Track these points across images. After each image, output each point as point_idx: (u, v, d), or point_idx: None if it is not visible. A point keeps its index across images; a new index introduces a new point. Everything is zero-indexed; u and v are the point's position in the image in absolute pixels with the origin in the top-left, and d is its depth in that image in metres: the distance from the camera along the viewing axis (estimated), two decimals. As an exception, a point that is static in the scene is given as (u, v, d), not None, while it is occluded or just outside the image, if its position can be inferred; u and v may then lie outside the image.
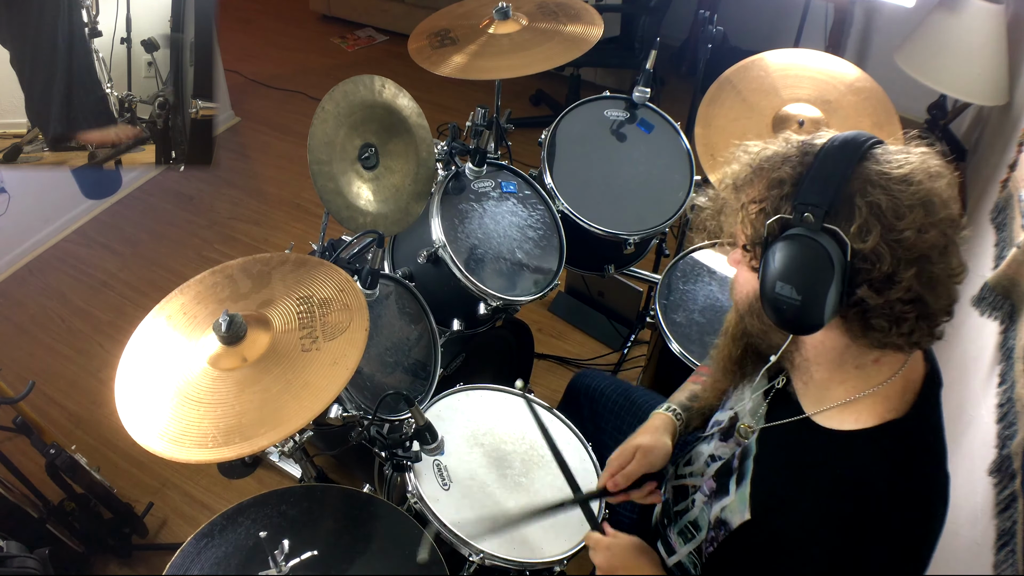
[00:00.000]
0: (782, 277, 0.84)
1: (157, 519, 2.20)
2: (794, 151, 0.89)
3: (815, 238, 0.82)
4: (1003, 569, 1.08)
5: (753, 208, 0.89)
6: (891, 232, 0.81)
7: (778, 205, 0.86)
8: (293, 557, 1.18)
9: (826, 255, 0.81)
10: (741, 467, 1.06)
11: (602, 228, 1.88)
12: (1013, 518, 1.09)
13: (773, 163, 0.89)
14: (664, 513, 1.27)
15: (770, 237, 0.87)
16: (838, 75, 1.76)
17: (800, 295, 0.83)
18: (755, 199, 0.89)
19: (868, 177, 0.83)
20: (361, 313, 1.26)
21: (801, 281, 0.83)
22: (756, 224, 0.89)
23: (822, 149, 0.86)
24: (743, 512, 1.01)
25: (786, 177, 0.87)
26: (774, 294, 0.85)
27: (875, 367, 0.91)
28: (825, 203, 0.82)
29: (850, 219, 0.81)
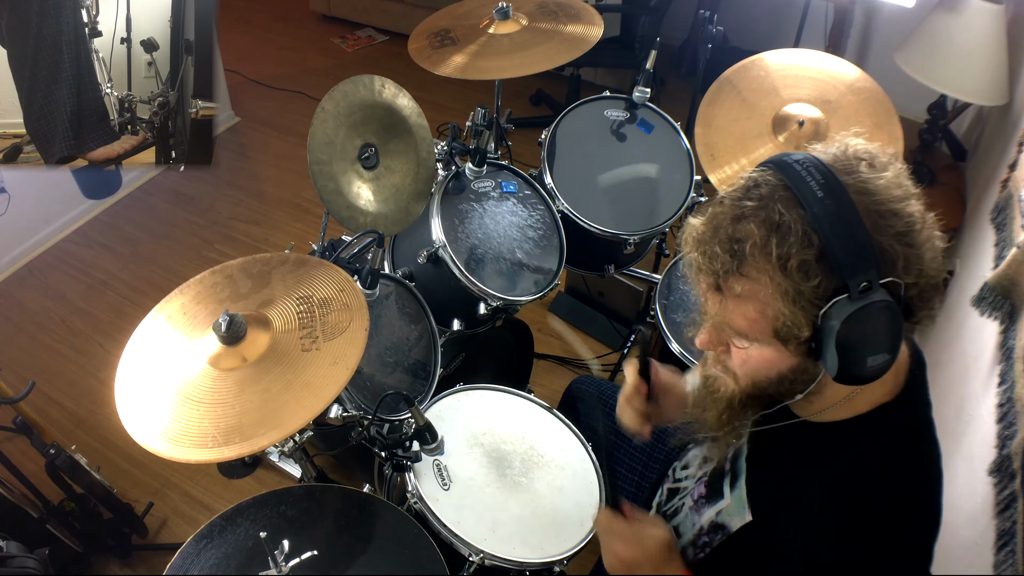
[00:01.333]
0: (872, 351, 0.80)
1: (157, 519, 2.20)
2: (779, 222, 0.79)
3: (882, 301, 0.78)
4: (1003, 569, 1.08)
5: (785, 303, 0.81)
6: (919, 247, 0.80)
7: (819, 290, 0.79)
8: (293, 557, 1.18)
9: (896, 308, 0.79)
10: (734, 468, 1.05)
11: (602, 228, 1.88)
12: (1013, 518, 1.09)
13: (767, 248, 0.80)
14: (657, 513, 1.27)
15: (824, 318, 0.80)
16: (838, 75, 1.75)
17: (891, 353, 0.81)
18: (784, 292, 0.80)
19: (872, 209, 0.80)
20: (361, 313, 1.26)
21: (888, 343, 0.80)
22: (799, 316, 0.81)
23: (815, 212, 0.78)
24: (743, 514, 1.00)
25: (808, 258, 0.78)
26: (866, 369, 0.81)
27: None
28: (871, 264, 0.78)
29: (890, 261, 0.79)
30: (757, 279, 0.82)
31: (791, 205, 0.80)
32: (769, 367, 0.89)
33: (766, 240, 0.80)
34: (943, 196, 2.40)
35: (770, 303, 0.82)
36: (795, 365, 0.87)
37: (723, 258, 0.83)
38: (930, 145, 2.52)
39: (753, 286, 0.83)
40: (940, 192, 2.42)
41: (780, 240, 0.79)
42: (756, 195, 0.82)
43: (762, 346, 0.87)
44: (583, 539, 1.41)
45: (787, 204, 0.80)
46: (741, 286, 0.83)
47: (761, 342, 0.87)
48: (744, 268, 0.82)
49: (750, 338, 0.88)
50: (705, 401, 1.01)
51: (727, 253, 0.83)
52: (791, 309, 0.81)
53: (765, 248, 0.80)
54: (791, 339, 0.83)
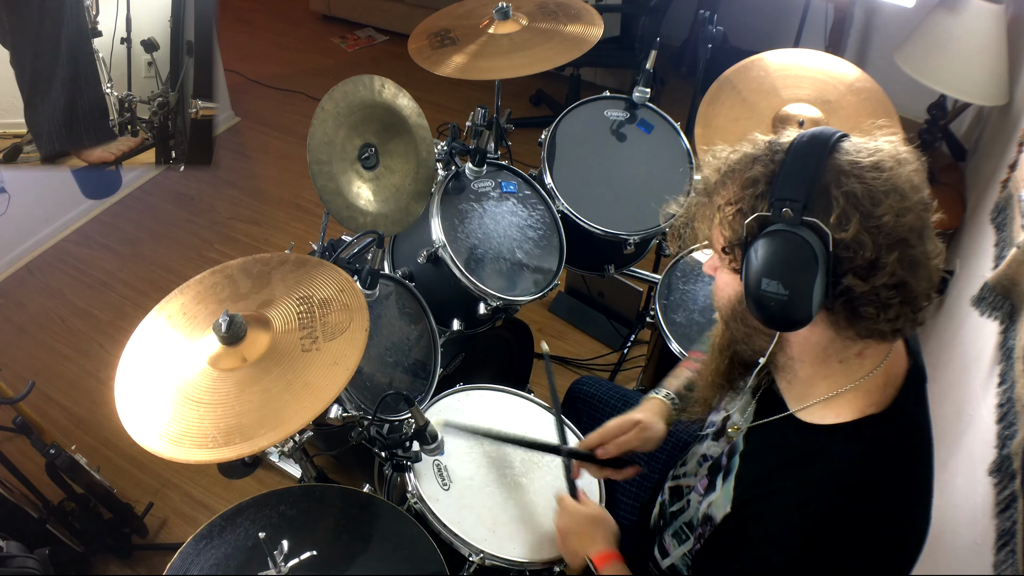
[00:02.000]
0: (767, 273, 0.84)
1: (157, 519, 2.20)
2: (763, 150, 0.90)
3: (796, 231, 0.82)
4: (1003, 569, 1.08)
5: (729, 210, 0.90)
6: (870, 219, 0.81)
7: (754, 204, 0.87)
8: (292, 557, 1.18)
9: (809, 247, 0.82)
10: (728, 463, 1.06)
11: (602, 228, 1.88)
12: (1013, 518, 1.09)
13: (743, 164, 0.90)
14: (661, 515, 1.27)
15: (749, 236, 0.87)
16: (838, 75, 1.76)
17: (787, 289, 0.83)
18: (730, 200, 0.90)
19: (840, 168, 0.84)
20: (361, 313, 1.26)
21: (787, 275, 0.83)
22: (734, 225, 0.89)
23: (791, 145, 0.87)
24: (726, 506, 1.02)
25: (759, 176, 0.87)
26: (760, 292, 0.85)
27: (858, 361, 0.91)
28: (802, 197, 0.83)
29: (828, 210, 0.82)
30: (729, 189, 0.91)
31: (784, 144, 0.89)
32: (724, 290, 0.97)
33: (747, 157, 0.90)
34: (943, 196, 2.40)
35: (723, 207, 0.91)
36: (740, 292, 0.91)
37: (723, 170, 0.93)
38: (930, 145, 2.52)
39: (725, 195, 0.92)
40: (940, 192, 2.42)
41: (755, 158, 0.89)
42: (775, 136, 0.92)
43: (722, 269, 0.96)
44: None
45: (782, 143, 0.89)
46: (719, 192, 0.93)
47: (720, 259, 0.95)
48: (726, 179, 0.92)
49: (715, 252, 0.96)
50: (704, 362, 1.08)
51: (724, 165, 0.93)
52: (732, 215, 0.89)
53: (744, 163, 0.90)
54: (729, 251, 0.91)
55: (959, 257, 2.13)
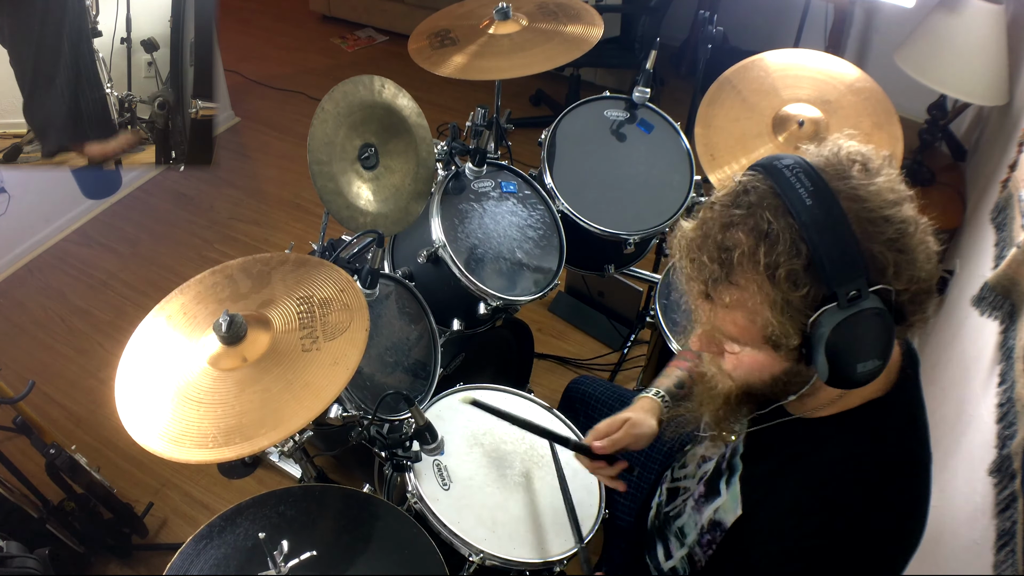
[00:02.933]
0: (862, 358, 0.80)
1: (157, 519, 2.20)
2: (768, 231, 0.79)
3: (871, 307, 0.78)
4: (1003, 569, 1.08)
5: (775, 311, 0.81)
6: (910, 253, 0.80)
7: (808, 299, 0.79)
8: (292, 557, 1.18)
9: (886, 314, 0.79)
10: (730, 465, 1.06)
11: (602, 228, 1.88)
12: (1013, 518, 1.09)
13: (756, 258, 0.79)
14: (657, 515, 1.27)
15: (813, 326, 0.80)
16: (838, 75, 1.76)
17: (882, 359, 0.81)
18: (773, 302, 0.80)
19: (863, 216, 0.79)
20: (361, 313, 1.26)
21: (878, 349, 0.80)
22: (788, 324, 0.81)
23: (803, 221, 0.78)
24: (736, 509, 1.01)
25: (797, 268, 0.78)
26: (856, 375, 0.81)
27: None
28: (860, 273, 0.77)
29: (880, 268, 0.79)
30: (746, 288, 0.82)
31: (780, 213, 0.79)
32: (761, 370, 0.90)
33: (754, 249, 0.79)
34: (943, 196, 2.40)
35: (759, 312, 0.82)
36: (787, 368, 0.87)
37: (711, 267, 0.83)
38: (930, 145, 2.51)
39: (742, 295, 0.82)
40: (940, 192, 2.42)
41: (768, 249, 0.79)
42: (745, 202, 0.81)
43: (754, 350, 0.88)
44: (583, 539, 1.41)
45: (775, 212, 0.79)
46: (730, 295, 0.83)
47: (753, 347, 0.87)
48: (733, 277, 0.82)
49: (741, 343, 0.88)
50: (703, 397, 1.02)
51: (715, 262, 0.82)
52: (780, 319, 0.81)
53: (753, 257, 0.79)
54: (781, 346, 0.84)
55: (959, 257, 2.13)
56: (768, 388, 0.92)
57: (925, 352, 2.04)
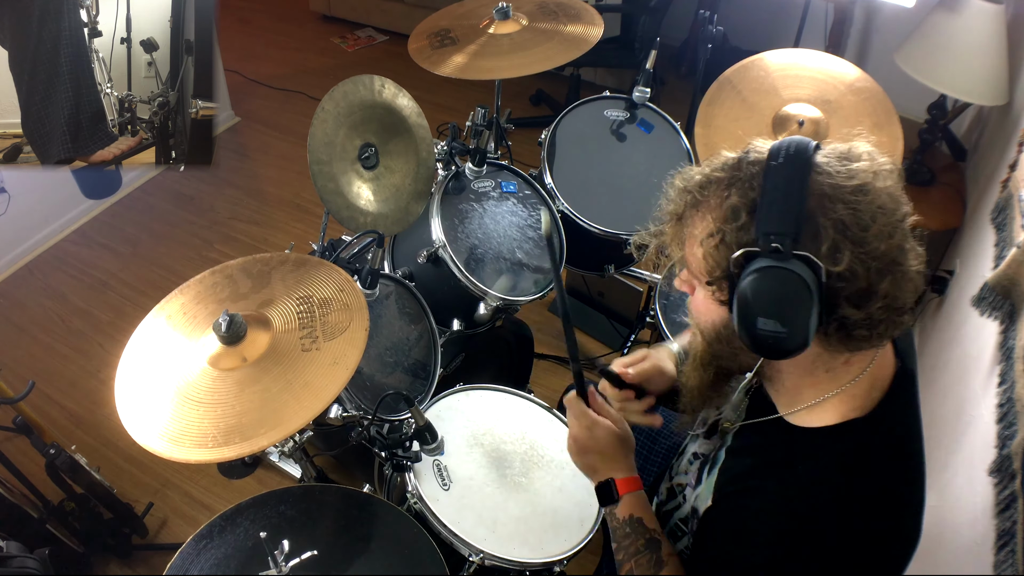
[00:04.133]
0: (763, 312, 0.81)
1: (157, 519, 2.20)
2: (736, 174, 0.86)
3: (789, 268, 0.79)
4: (1003, 569, 1.08)
5: (710, 242, 0.87)
6: (861, 246, 0.80)
7: (738, 236, 0.84)
8: (293, 557, 1.18)
9: (804, 283, 0.79)
10: (715, 457, 1.07)
11: (602, 228, 1.88)
12: (1013, 518, 1.09)
13: (716, 188, 0.87)
14: (657, 513, 1.26)
15: (736, 270, 0.84)
16: (838, 75, 1.76)
17: (785, 327, 0.81)
18: (710, 231, 0.87)
19: (824, 192, 0.81)
20: (361, 313, 1.26)
21: (783, 313, 0.81)
22: (717, 257, 0.86)
23: (768, 169, 0.84)
24: (707, 499, 1.02)
25: (739, 205, 0.84)
26: (756, 330, 0.83)
27: (844, 368, 0.91)
28: (790, 229, 0.80)
29: (817, 240, 0.80)
30: (702, 214, 0.89)
31: (757, 163, 0.86)
32: (706, 315, 0.95)
33: (719, 182, 0.88)
34: (943, 196, 2.40)
35: (708, 237, 0.88)
36: (724, 319, 0.90)
37: (689, 190, 0.92)
38: (930, 145, 2.51)
39: (698, 220, 0.90)
40: (940, 192, 2.41)
41: (729, 183, 0.86)
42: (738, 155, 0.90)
43: (701, 290, 0.94)
44: (583, 539, 1.41)
45: (754, 163, 0.86)
46: (692, 218, 0.91)
47: (699, 284, 0.93)
48: (697, 203, 0.90)
49: (693, 276, 0.94)
50: (688, 365, 1.06)
51: (695, 186, 0.91)
52: (712, 248, 0.87)
53: (718, 187, 0.88)
54: (714, 282, 0.89)
55: (959, 257, 2.13)
56: (717, 344, 0.96)
57: (925, 352, 2.04)
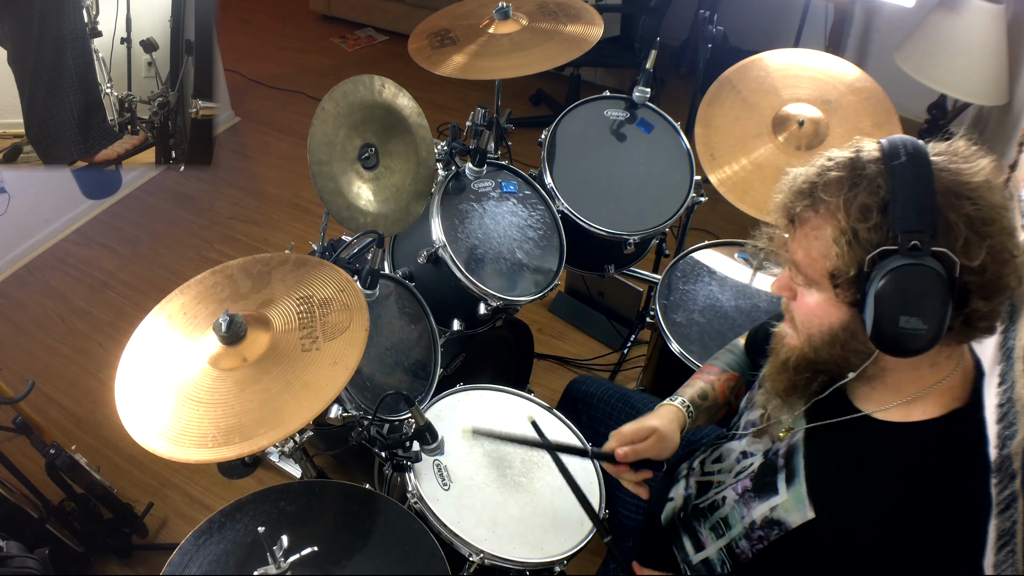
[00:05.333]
0: (906, 311, 0.81)
1: (157, 519, 2.20)
2: (861, 172, 0.86)
3: (930, 265, 0.80)
4: (1003, 569, 1.08)
5: (842, 241, 0.85)
6: (990, 239, 0.81)
7: (872, 236, 0.83)
8: (292, 553, 1.18)
9: (943, 279, 0.80)
10: (789, 465, 1.04)
11: (602, 228, 1.88)
12: (1013, 518, 1.09)
13: (839, 190, 0.87)
14: (685, 507, 1.26)
15: (869, 270, 0.84)
16: (838, 75, 1.76)
17: (926, 324, 0.82)
18: (841, 230, 0.86)
19: (952, 189, 0.82)
20: (361, 313, 1.26)
21: (926, 310, 0.81)
22: (851, 259, 0.85)
23: (892, 168, 0.84)
24: (803, 511, 0.99)
25: (870, 203, 0.84)
26: (898, 329, 0.82)
27: (946, 361, 0.91)
28: (928, 226, 0.80)
29: (950, 236, 0.81)
30: (824, 215, 0.88)
31: (876, 162, 0.86)
32: (822, 318, 0.93)
33: (842, 179, 0.87)
34: (943, 196, 2.40)
35: (828, 241, 0.87)
36: (845, 321, 0.90)
37: (804, 191, 0.90)
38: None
39: (819, 221, 0.89)
40: (940, 192, 2.42)
41: (852, 183, 0.85)
42: (854, 148, 0.90)
43: (818, 292, 0.92)
44: (583, 539, 1.41)
45: (872, 161, 0.86)
46: (810, 219, 0.90)
47: (817, 286, 0.91)
48: (816, 203, 0.89)
49: (809, 278, 0.92)
50: (771, 370, 1.05)
51: (808, 186, 0.90)
52: (843, 248, 0.85)
53: (838, 187, 0.86)
54: (841, 283, 0.87)
55: (959, 257, 2.13)
56: (828, 347, 0.94)
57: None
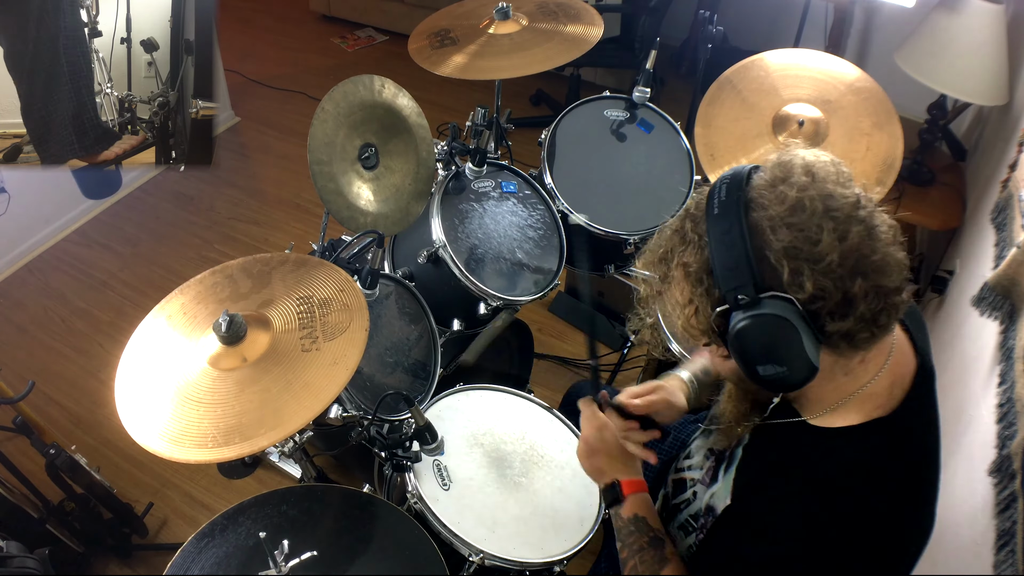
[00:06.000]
0: (759, 361, 0.84)
1: (157, 519, 2.20)
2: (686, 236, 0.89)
3: (761, 314, 0.81)
4: (1003, 569, 1.08)
5: (689, 311, 0.90)
6: (819, 262, 0.80)
7: (707, 301, 0.87)
8: (293, 557, 1.18)
9: (782, 320, 0.80)
10: (732, 455, 1.07)
11: (602, 228, 1.88)
12: (1013, 518, 1.09)
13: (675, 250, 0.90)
14: (664, 507, 1.27)
15: (720, 329, 0.87)
16: (838, 75, 1.75)
17: (784, 366, 0.83)
18: (684, 302, 0.90)
19: (762, 227, 0.82)
20: (361, 313, 1.26)
21: (778, 355, 0.83)
22: (701, 325, 0.89)
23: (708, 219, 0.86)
24: (726, 498, 1.02)
25: (696, 268, 0.87)
26: (760, 377, 0.85)
27: (862, 367, 0.91)
28: (746, 278, 0.82)
29: (776, 274, 0.81)
30: (676, 285, 0.92)
31: (698, 221, 0.88)
32: (720, 367, 0.98)
33: (675, 250, 0.91)
34: (943, 196, 2.40)
35: (685, 307, 0.91)
36: (733, 368, 0.90)
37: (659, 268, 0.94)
38: (930, 145, 2.51)
39: (673, 292, 0.93)
40: (940, 192, 2.42)
41: (683, 250, 0.89)
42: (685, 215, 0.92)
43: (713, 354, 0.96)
44: (583, 539, 1.41)
45: (696, 220, 0.89)
46: (669, 291, 0.94)
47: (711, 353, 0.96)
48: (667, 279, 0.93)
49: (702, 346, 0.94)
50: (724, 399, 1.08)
51: (661, 261, 0.94)
52: (693, 315, 0.89)
53: (675, 256, 0.91)
54: (708, 343, 0.91)
55: (959, 257, 2.13)
56: (745, 385, 0.97)
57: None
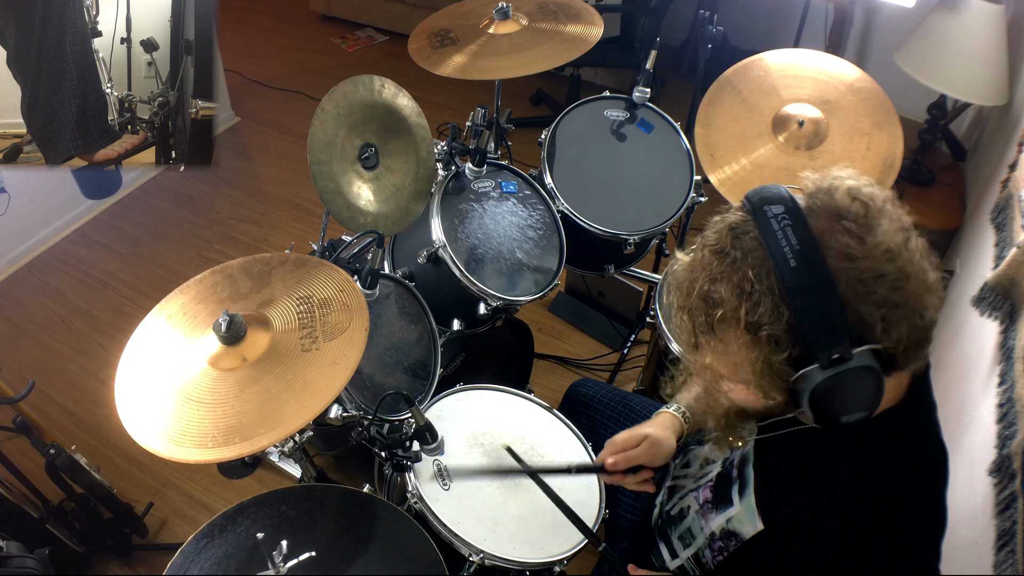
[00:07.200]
0: (844, 412, 0.81)
1: (157, 519, 2.20)
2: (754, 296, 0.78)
3: (853, 368, 0.77)
4: (1003, 569, 1.08)
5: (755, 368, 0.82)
6: (903, 307, 0.77)
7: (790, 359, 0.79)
8: (292, 558, 1.18)
9: (872, 372, 0.78)
10: (741, 475, 1.05)
11: (602, 228, 1.88)
12: (1013, 518, 1.09)
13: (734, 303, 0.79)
14: (661, 514, 1.27)
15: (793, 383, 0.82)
16: (838, 75, 1.75)
17: (868, 410, 0.82)
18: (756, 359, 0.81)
19: (850, 276, 0.76)
20: (361, 313, 1.26)
21: (863, 403, 0.81)
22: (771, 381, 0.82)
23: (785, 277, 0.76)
24: (754, 522, 1.00)
25: (778, 332, 0.78)
26: (842, 424, 0.82)
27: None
28: (843, 337, 0.76)
29: (866, 325, 0.77)
30: (730, 342, 0.83)
31: (763, 273, 0.78)
32: (755, 402, 0.90)
33: (736, 308, 0.79)
34: (943, 196, 2.40)
35: (743, 366, 0.83)
36: (779, 403, 0.88)
37: (699, 319, 0.84)
38: (930, 145, 2.51)
39: (727, 348, 0.84)
40: (940, 192, 2.42)
41: (750, 309, 0.78)
42: (731, 256, 0.81)
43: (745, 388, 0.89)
44: (583, 539, 1.41)
45: (758, 271, 0.78)
46: (715, 347, 0.85)
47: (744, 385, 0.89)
48: (719, 331, 0.83)
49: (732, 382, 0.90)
50: (707, 408, 1.02)
51: (702, 314, 0.83)
52: (761, 377, 0.82)
53: (735, 315, 0.80)
54: (767, 396, 0.85)
55: (959, 257, 2.13)
56: (764, 411, 0.94)
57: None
